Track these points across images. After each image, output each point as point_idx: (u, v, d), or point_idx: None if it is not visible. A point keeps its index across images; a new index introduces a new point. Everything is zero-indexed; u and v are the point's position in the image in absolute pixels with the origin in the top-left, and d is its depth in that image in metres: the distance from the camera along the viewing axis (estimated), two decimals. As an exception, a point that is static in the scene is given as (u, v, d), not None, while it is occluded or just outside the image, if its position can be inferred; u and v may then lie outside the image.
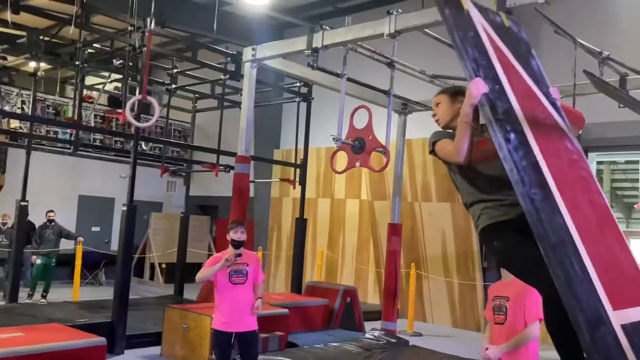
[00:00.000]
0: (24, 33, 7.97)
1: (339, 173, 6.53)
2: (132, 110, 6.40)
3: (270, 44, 6.40)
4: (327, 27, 5.88)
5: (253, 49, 6.40)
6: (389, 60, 6.56)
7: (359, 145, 6.12)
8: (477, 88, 2.78)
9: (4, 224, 10.73)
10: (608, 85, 5.80)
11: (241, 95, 10.38)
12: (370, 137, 5.92)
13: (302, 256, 9.45)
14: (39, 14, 7.01)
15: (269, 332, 6.98)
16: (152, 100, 6.11)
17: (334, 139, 6.08)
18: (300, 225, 9.51)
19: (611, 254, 2.71)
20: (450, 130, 3.15)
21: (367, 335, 7.96)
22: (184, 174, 12.09)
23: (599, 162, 12.09)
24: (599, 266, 2.56)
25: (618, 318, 2.49)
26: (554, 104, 3.11)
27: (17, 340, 4.78)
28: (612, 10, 9.51)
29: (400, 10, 5.27)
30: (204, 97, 11.08)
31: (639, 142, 9.93)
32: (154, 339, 7.40)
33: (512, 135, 2.72)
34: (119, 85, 11.35)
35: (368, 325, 9.01)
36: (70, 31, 7.05)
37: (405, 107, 8.43)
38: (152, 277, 14.18)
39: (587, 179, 2.86)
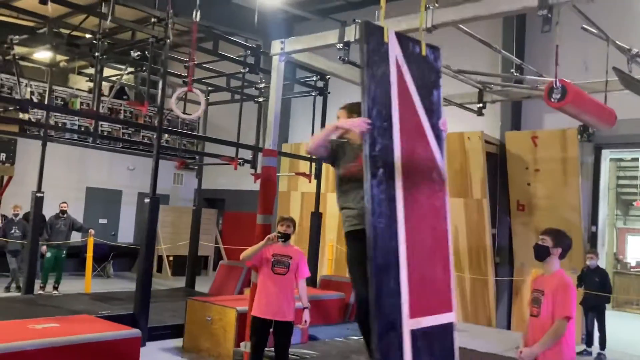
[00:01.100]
0: (33, 22, 7.93)
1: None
2: (177, 101, 6.36)
3: (300, 38, 6.37)
4: (359, 21, 5.86)
5: (282, 42, 6.37)
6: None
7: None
8: (352, 123, 3.37)
9: (16, 215, 10.68)
10: (637, 82, 5.85)
11: (256, 88, 10.45)
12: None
13: (317, 250, 9.48)
14: (64, 4, 6.96)
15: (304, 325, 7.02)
16: (198, 92, 6.09)
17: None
18: (316, 219, 9.53)
19: (432, 273, 3.30)
20: (345, 140, 3.73)
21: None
22: (195, 167, 12.06)
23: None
24: (414, 283, 3.20)
25: (410, 324, 3.16)
26: (437, 136, 3.68)
27: (55, 331, 4.79)
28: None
29: (436, 5, 5.27)
30: (219, 90, 11.04)
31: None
32: (175, 331, 7.42)
33: (380, 171, 3.26)
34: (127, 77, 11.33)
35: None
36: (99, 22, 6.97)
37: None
38: (159, 270, 14.16)
39: (439, 208, 3.38)
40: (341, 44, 5.87)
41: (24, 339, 4.43)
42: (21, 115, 9.90)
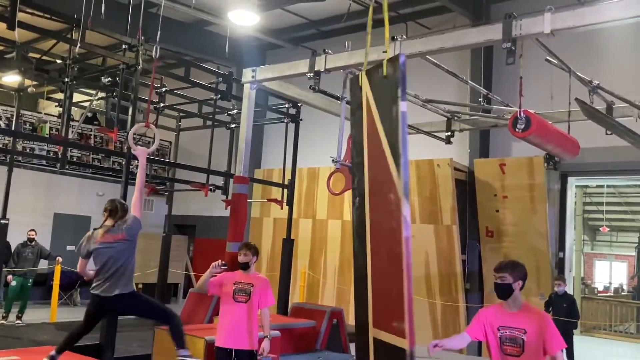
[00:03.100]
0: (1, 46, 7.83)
1: (336, 194, 6.59)
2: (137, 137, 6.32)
3: (271, 66, 6.47)
4: (330, 51, 5.97)
5: (253, 70, 6.45)
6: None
7: (358, 167, 6.19)
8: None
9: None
10: (598, 113, 6.04)
11: (228, 114, 10.46)
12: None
13: (288, 277, 9.42)
14: (35, 31, 6.92)
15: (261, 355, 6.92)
16: (154, 129, 6.09)
17: (333, 160, 6.14)
18: (287, 245, 9.48)
19: (388, 295, 3.59)
20: None
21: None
22: (166, 193, 11.94)
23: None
24: (376, 298, 3.69)
25: (373, 332, 3.69)
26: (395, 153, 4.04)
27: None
28: (601, 42, 9.90)
29: (404, 37, 5.40)
30: (190, 116, 11.02)
31: (611, 168, 10.32)
32: (142, 362, 7.24)
33: (357, 200, 3.97)
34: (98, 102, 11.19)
35: (352, 347, 9.00)
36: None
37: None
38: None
39: (396, 228, 3.56)
40: (311, 73, 5.96)
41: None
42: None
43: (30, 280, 10.51)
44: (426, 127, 8.59)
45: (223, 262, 5.00)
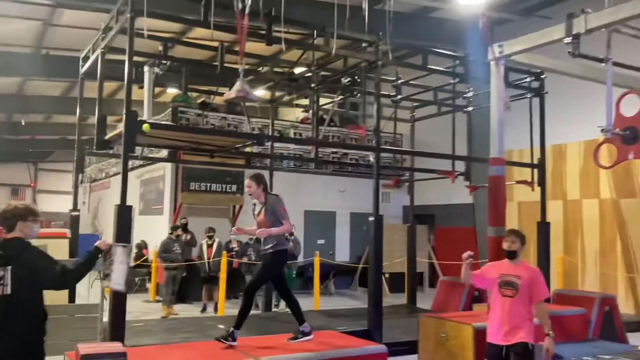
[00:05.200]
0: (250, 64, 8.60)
1: (607, 168, 5.94)
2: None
3: (520, 39, 6.09)
4: (589, 10, 5.40)
5: (500, 46, 6.14)
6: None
7: (632, 135, 5.50)
8: None
9: (251, 239, 11.72)
10: None
11: (464, 98, 10.22)
12: (645, 125, 5.33)
13: (548, 263, 8.82)
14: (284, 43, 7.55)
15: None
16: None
17: (602, 130, 5.55)
18: (543, 229, 8.90)
19: None
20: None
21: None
22: (406, 184, 12.11)
23: None
24: None
25: None
26: None
27: (310, 346, 5.09)
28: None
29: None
30: (425, 105, 11.02)
31: None
32: (408, 348, 7.40)
33: None
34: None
35: (630, 336, 8.12)
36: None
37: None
38: (376, 287, 14.45)
39: None
40: (569, 38, 5.46)
41: (287, 353, 4.78)
42: (247, 149, 10.94)
43: (294, 272, 11.55)
44: None
45: (470, 253, 4.79)
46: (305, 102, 10.83)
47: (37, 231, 3.64)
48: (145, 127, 5.94)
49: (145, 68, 7.32)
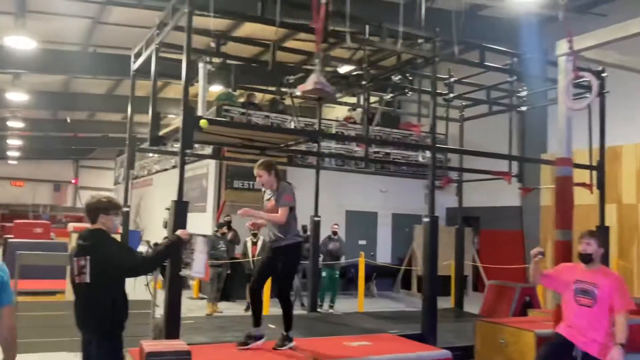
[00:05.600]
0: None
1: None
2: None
3: (591, 34, 5.81)
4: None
5: (569, 41, 5.86)
6: None
7: None
8: None
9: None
10: None
11: (517, 97, 9.92)
12: None
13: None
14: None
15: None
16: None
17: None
18: (602, 234, 8.54)
19: None
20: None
21: None
22: (451, 186, 11.83)
23: None
24: None
25: None
26: None
27: (371, 349, 4.94)
28: None
29: None
30: (476, 104, 10.74)
31: None
32: (465, 353, 7.18)
33: None
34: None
35: None
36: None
37: None
38: (419, 289, 14.20)
39: None
40: (647, 32, 5.18)
41: (349, 356, 4.64)
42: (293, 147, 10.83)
43: (337, 272, 11.41)
44: None
45: (540, 249, 4.56)
46: (348, 100, 10.72)
47: (119, 224, 3.70)
48: (202, 122, 5.87)
49: (200, 64, 7.27)
